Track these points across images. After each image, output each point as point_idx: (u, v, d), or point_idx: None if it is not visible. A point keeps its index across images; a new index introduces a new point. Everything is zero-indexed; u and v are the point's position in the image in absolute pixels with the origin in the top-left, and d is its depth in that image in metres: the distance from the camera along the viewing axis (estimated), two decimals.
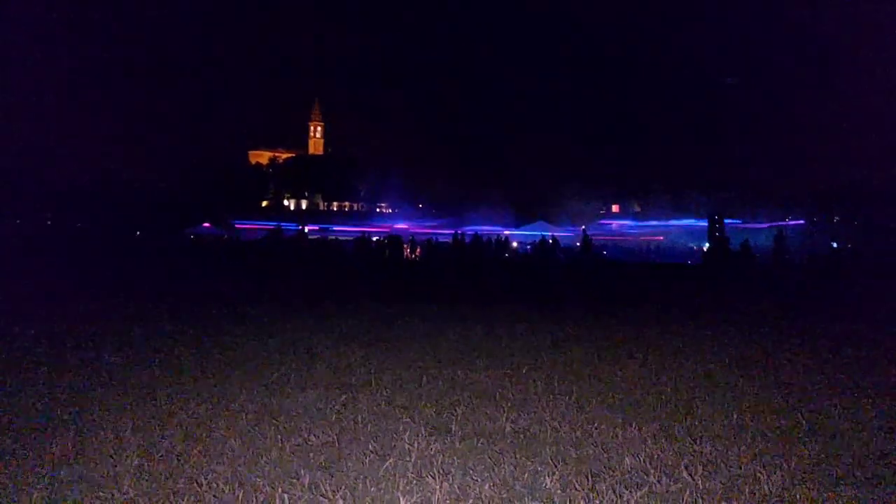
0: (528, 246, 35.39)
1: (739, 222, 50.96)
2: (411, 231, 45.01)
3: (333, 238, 44.15)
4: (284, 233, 37.38)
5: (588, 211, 76.30)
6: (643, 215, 78.04)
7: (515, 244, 37.60)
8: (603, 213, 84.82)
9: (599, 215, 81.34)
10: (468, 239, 31.32)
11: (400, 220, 68.54)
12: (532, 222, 52.07)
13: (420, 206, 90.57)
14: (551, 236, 31.74)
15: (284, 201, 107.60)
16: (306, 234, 42.23)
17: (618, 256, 32.80)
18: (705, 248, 31.48)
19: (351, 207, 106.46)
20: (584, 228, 31.61)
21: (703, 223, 36.23)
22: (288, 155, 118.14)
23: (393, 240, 32.28)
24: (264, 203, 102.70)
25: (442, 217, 74.85)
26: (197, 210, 61.61)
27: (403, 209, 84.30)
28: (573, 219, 63.84)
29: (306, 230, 44.27)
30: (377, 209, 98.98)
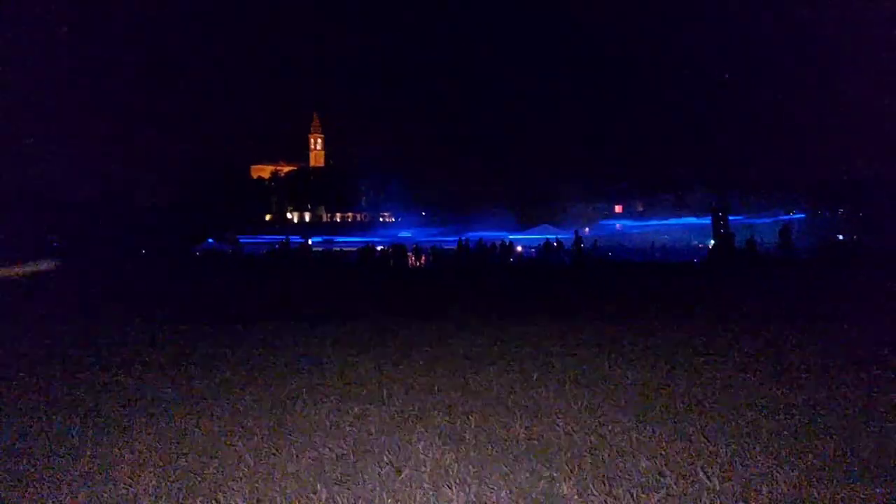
0: (533, 250, 35.41)
1: (742, 218, 50.89)
2: (415, 239, 45.07)
3: (338, 249, 44.27)
4: (291, 245, 37.55)
5: (590, 213, 76.37)
6: (644, 215, 78.02)
7: (520, 249, 37.61)
8: (606, 215, 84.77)
9: (603, 216, 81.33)
10: (472, 245, 31.35)
11: (403, 229, 68.71)
12: (535, 226, 52.12)
13: (423, 214, 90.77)
14: (556, 239, 31.75)
15: (287, 214, 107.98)
16: (310, 247, 42.35)
17: (623, 257, 32.75)
18: (710, 246, 31.41)
19: (354, 218, 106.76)
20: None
21: (704, 220, 36.20)
22: (290, 168, 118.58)
23: (397, 249, 32.34)
24: (268, 217, 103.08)
25: (445, 224, 75.00)
26: (201, 226, 61.95)
27: (406, 218, 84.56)
28: (577, 221, 63.81)
29: (310, 242, 44.42)
30: (380, 218, 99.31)
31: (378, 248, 34.35)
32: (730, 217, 28.27)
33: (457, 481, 2.80)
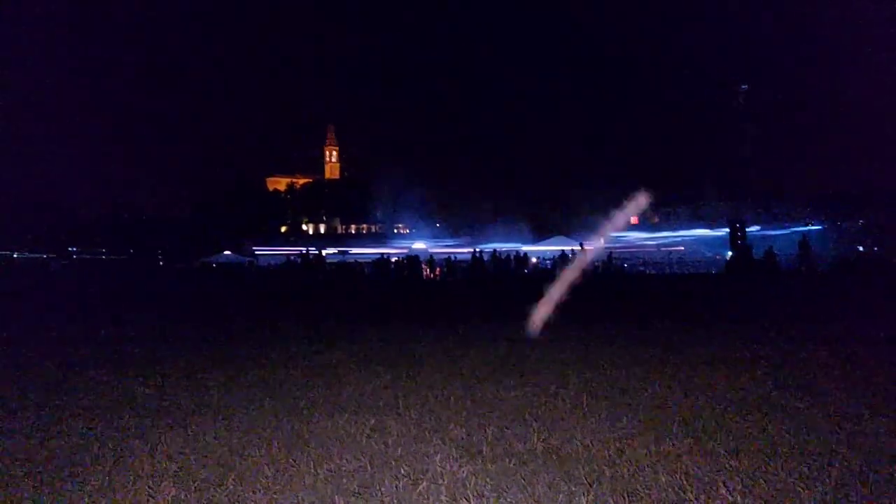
0: (548, 261, 35.29)
1: (758, 228, 50.36)
2: (430, 251, 45.14)
3: (353, 261, 44.47)
4: (310, 257, 37.84)
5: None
6: (658, 226, 77.49)
7: (535, 260, 37.49)
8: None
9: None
10: (487, 257, 31.33)
11: (417, 240, 68.80)
12: (549, 237, 51.92)
13: (437, 225, 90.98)
14: (571, 251, 31.62)
15: (303, 226, 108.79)
16: (324, 259, 42.59)
17: (639, 269, 32.52)
18: (728, 257, 31.09)
19: (369, 229, 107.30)
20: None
21: (717, 231, 35.84)
22: (305, 180, 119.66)
23: (412, 260, 32.42)
24: (283, 228, 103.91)
25: (459, 235, 75.06)
26: (217, 238, 62.58)
27: (420, 229, 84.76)
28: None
29: (324, 254, 44.69)
30: (394, 229, 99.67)
31: (393, 260, 34.46)
32: (747, 229, 28.01)
33: (474, 494, 2.78)
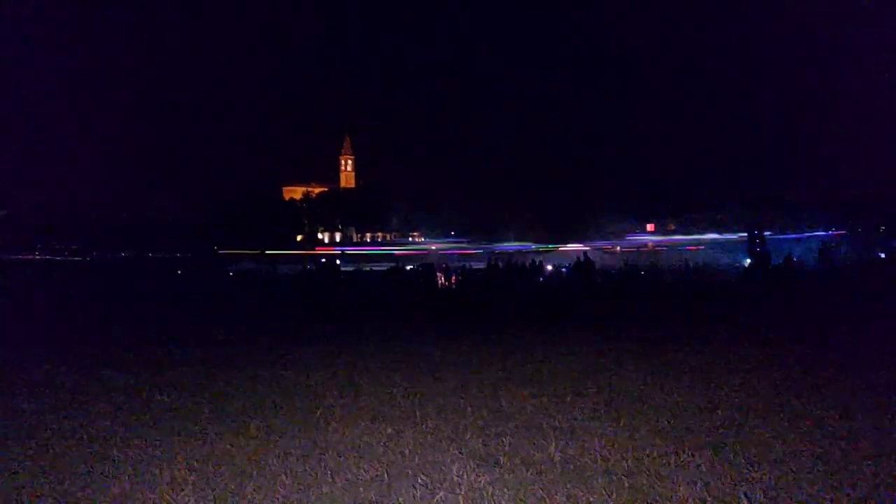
0: (564, 269, 35.09)
1: (775, 234, 49.76)
2: (445, 259, 45.19)
3: (368, 269, 44.62)
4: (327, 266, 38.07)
5: (621, 230, 75.44)
6: (676, 233, 76.83)
7: (550, 267, 37.32)
8: (636, 231, 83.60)
9: (633, 232, 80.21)
10: (502, 264, 31.26)
11: (432, 248, 68.90)
12: (566, 244, 51.73)
13: (452, 233, 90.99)
14: (586, 258, 31.40)
15: (319, 234, 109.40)
16: (339, 267, 42.78)
17: (657, 276, 32.20)
18: (746, 264, 30.73)
19: (384, 237, 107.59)
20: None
21: (731, 236, 35.46)
22: (321, 189, 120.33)
23: (426, 268, 32.44)
24: (299, 237, 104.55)
25: (474, 243, 75.00)
26: (234, 246, 63.20)
27: (435, 237, 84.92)
28: (607, 238, 63.19)
29: (338, 262, 44.94)
30: (409, 238, 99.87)
31: (408, 269, 34.53)
32: (766, 234, 27.70)
33: None
